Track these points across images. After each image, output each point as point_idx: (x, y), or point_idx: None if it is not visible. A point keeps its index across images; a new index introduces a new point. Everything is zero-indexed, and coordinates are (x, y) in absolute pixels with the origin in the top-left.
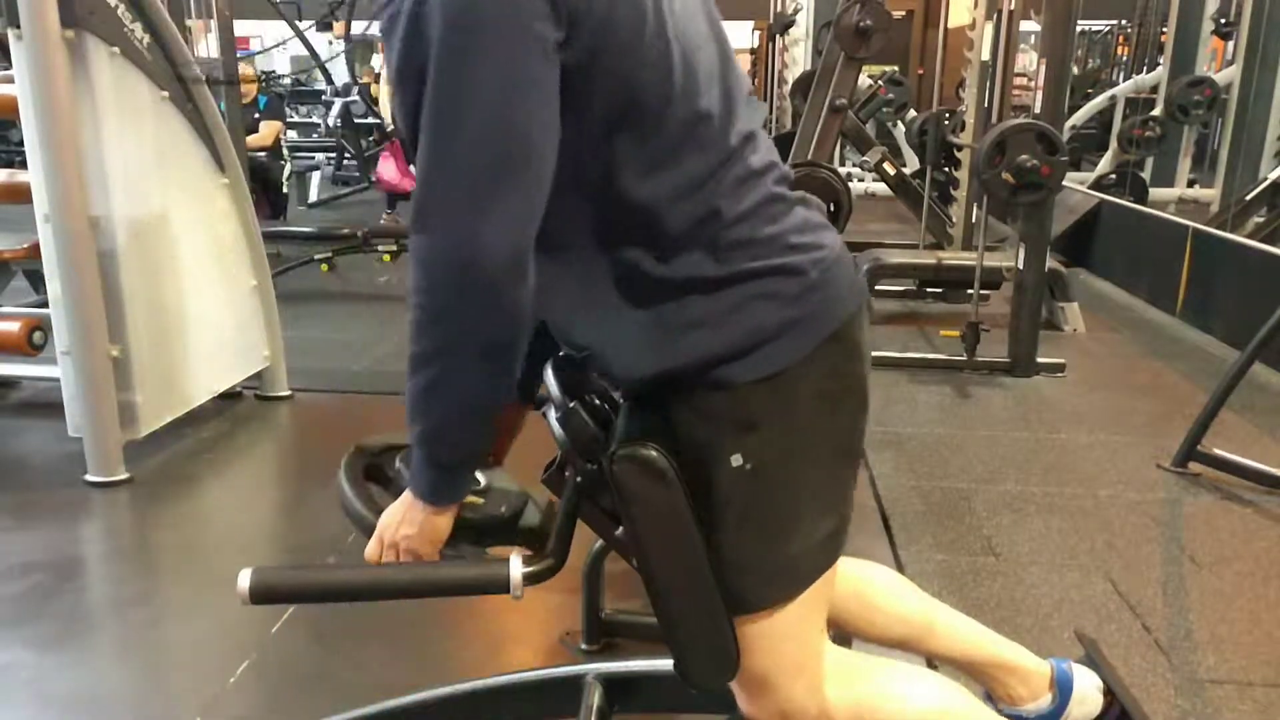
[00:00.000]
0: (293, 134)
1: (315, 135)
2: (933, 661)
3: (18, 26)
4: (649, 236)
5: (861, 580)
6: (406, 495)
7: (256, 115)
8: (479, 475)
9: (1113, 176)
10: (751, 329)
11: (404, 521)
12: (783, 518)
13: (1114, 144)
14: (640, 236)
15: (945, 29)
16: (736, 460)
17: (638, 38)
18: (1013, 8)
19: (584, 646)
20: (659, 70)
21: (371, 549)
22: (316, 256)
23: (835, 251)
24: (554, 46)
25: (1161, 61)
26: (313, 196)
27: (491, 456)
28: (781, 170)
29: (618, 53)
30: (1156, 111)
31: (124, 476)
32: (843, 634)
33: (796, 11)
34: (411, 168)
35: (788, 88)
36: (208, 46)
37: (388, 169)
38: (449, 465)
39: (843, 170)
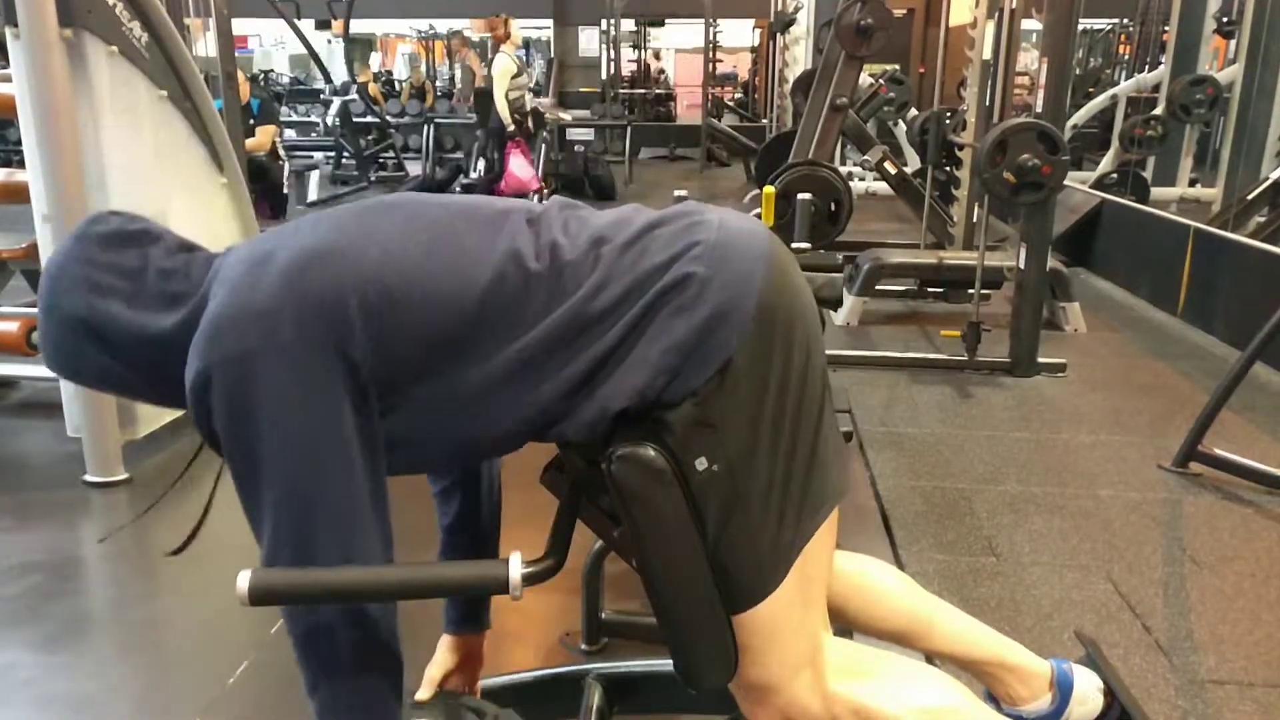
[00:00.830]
0: (291, 133)
1: (314, 135)
2: (933, 659)
3: (16, 25)
4: (536, 371)
5: (863, 575)
6: None
7: (251, 120)
8: None
9: (1114, 176)
10: (674, 349)
11: None
12: (760, 506)
13: (1115, 143)
14: (531, 376)
15: (946, 27)
16: (702, 464)
17: (411, 321)
18: (1014, 6)
19: (584, 647)
20: (444, 312)
21: None
22: None
23: (713, 237)
24: (334, 385)
25: (1163, 60)
26: (312, 196)
27: (466, 687)
28: (604, 225)
29: (410, 340)
30: (1158, 111)
31: (123, 477)
32: (844, 628)
33: (797, 10)
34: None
35: (788, 86)
36: (206, 45)
37: (521, 167)
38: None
39: (844, 169)
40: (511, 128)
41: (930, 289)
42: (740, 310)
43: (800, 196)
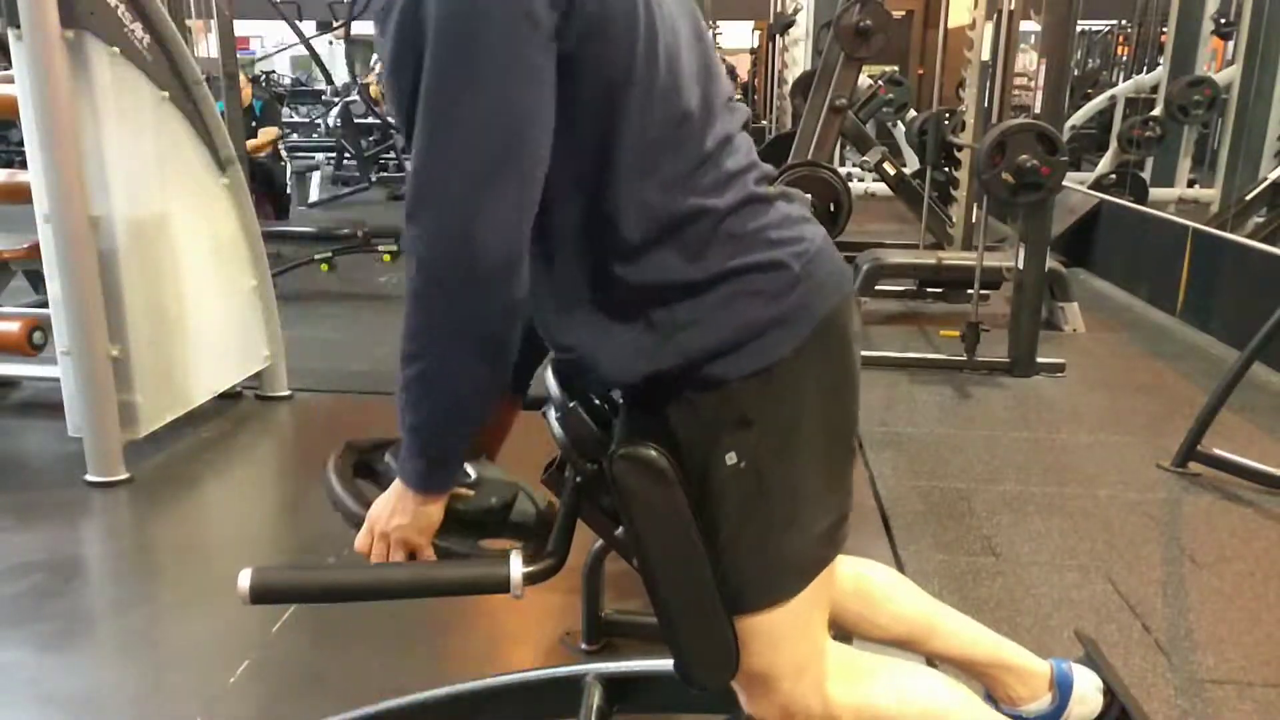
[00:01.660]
0: (293, 134)
1: (315, 135)
2: (933, 661)
3: (18, 26)
4: (630, 238)
5: (863, 579)
6: (396, 485)
7: (254, 122)
8: (470, 468)
9: (1113, 176)
10: (738, 327)
11: (395, 512)
12: (781, 514)
13: (1114, 144)
14: (621, 238)
15: (945, 29)
16: (731, 459)
17: (629, 30)
18: (1013, 8)
19: (584, 646)
20: (645, 65)
21: (361, 540)
22: (316, 256)
23: (817, 244)
24: (551, 34)
25: (1161, 61)
26: (313, 196)
27: (484, 451)
28: (761, 170)
29: (609, 43)
30: (1156, 111)
31: (124, 476)
32: (843, 633)
33: (796, 11)
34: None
35: (788, 88)
36: (208, 47)
37: None
38: (440, 454)
39: (843, 170)
40: None
41: (929, 289)
42: (808, 321)
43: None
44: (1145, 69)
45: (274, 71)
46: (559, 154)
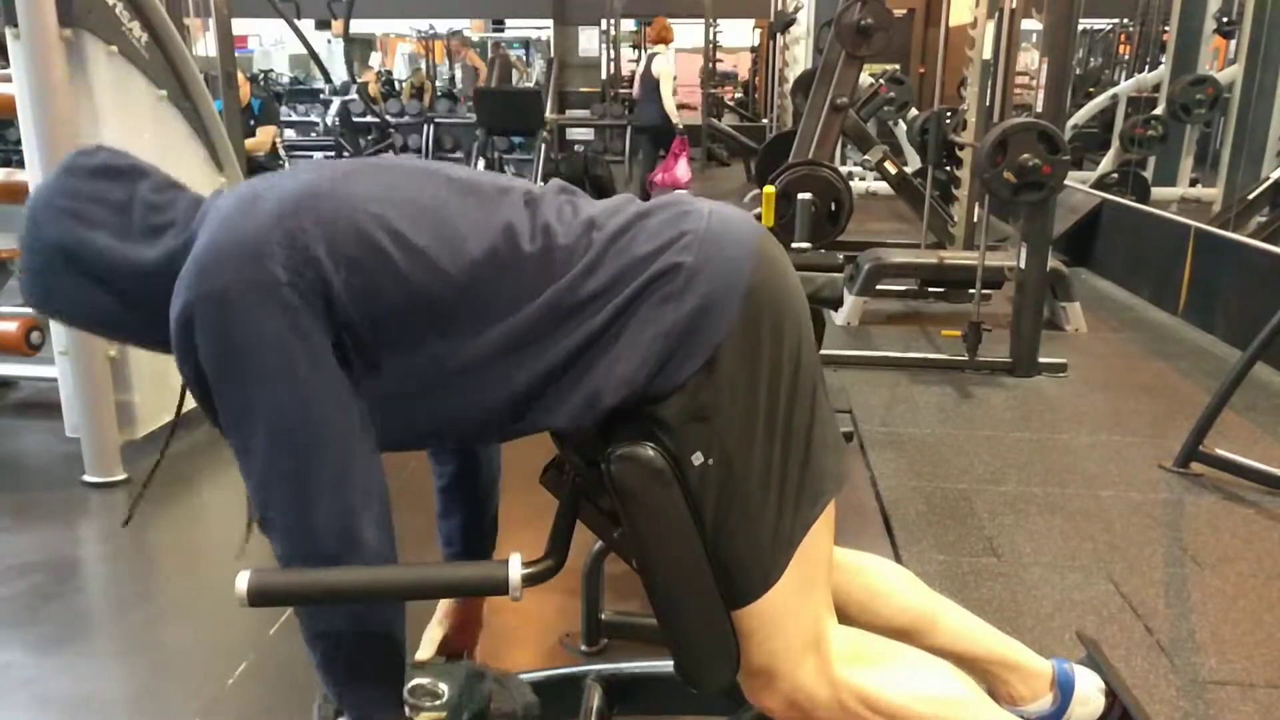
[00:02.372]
0: (291, 133)
1: (314, 134)
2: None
3: (16, 25)
4: (522, 353)
5: (867, 573)
6: None
7: (252, 121)
8: (442, 684)
9: (1114, 176)
10: (661, 337)
11: None
12: (760, 497)
13: (1116, 143)
14: (515, 359)
15: (947, 27)
16: (698, 459)
17: (395, 275)
18: (1014, 6)
19: (584, 648)
20: (427, 275)
21: None
22: None
23: (702, 228)
24: (324, 332)
25: (1163, 60)
26: None
27: (461, 648)
28: (599, 214)
29: (383, 296)
30: (1158, 111)
31: (122, 477)
32: (846, 624)
33: (797, 10)
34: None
35: (788, 86)
36: (206, 45)
37: (683, 167)
38: (369, 699)
39: (844, 169)
40: (680, 125)
41: (931, 289)
42: (727, 300)
43: (800, 196)
44: (1147, 68)
45: (272, 70)
46: (407, 364)
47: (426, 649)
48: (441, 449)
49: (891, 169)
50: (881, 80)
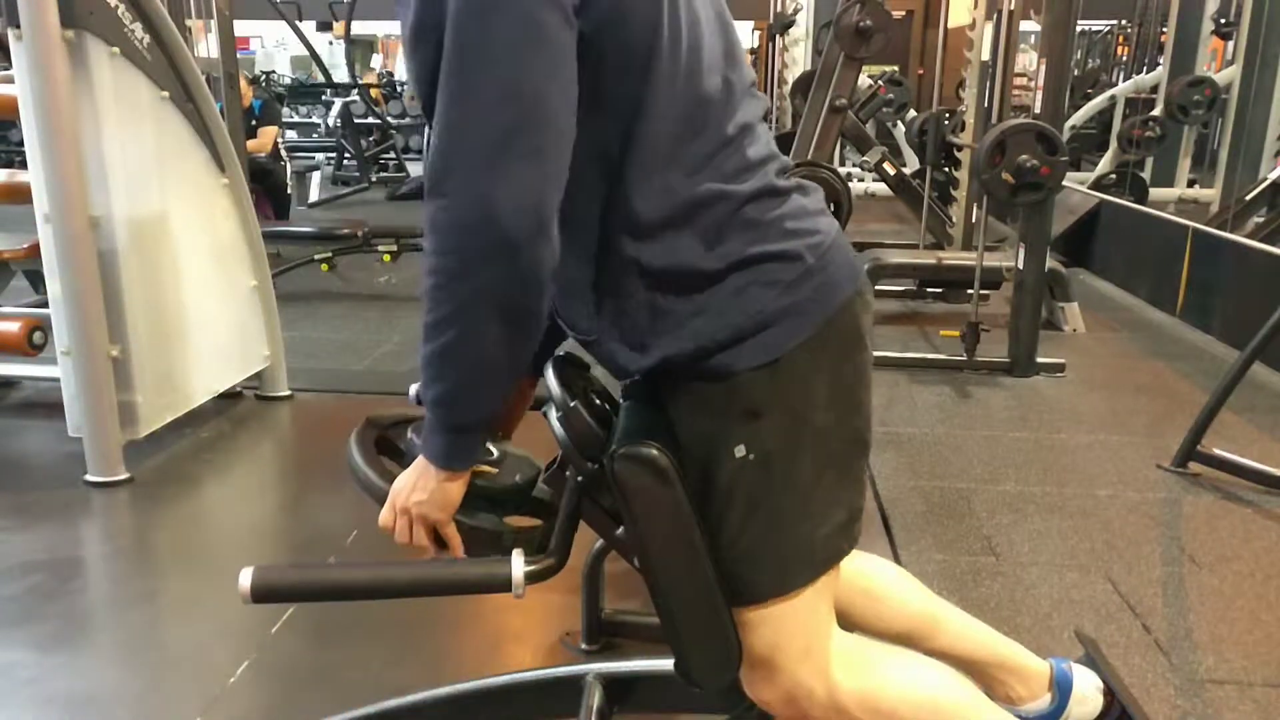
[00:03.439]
0: (292, 134)
1: (315, 135)
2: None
3: (18, 26)
4: (650, 220)
5: (867, 575)
6: (419, 461)
7: (254, 121)
8: (490, 446)
9: (1113, 176)
10: (750, 315)
11: (416, 488)
12: (791, 505)
13: (1114, 144)
14: (641, 220)
15: (945, 29)
16: (740, 451)
17: (652, 10)
18: (1012, 8)
19: (584, 646)
20: (668, 46)
21: (384, 516)
22: (316, 256)
23: (832, 237)
24: (571, 12)
25: (1161, 61)
26: (313, 196)
27: (502, 430)
28: (780, 161)
29: (630, 23)
30: (1156, 111)
31: (124, 476)
32: (847, 627)
33: (796, 11)
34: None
35: (788, 88)
36: (208, 46)
37: None
38: (463, 429)
39: (843, 170)
40: None
41: (929, 289)
42: (819, 313)
43: None
44: (1145, 69)
45: (274, 71)
46: (579, 131)
47: None
48: None
49: (890, 170)
50: (880, 81)
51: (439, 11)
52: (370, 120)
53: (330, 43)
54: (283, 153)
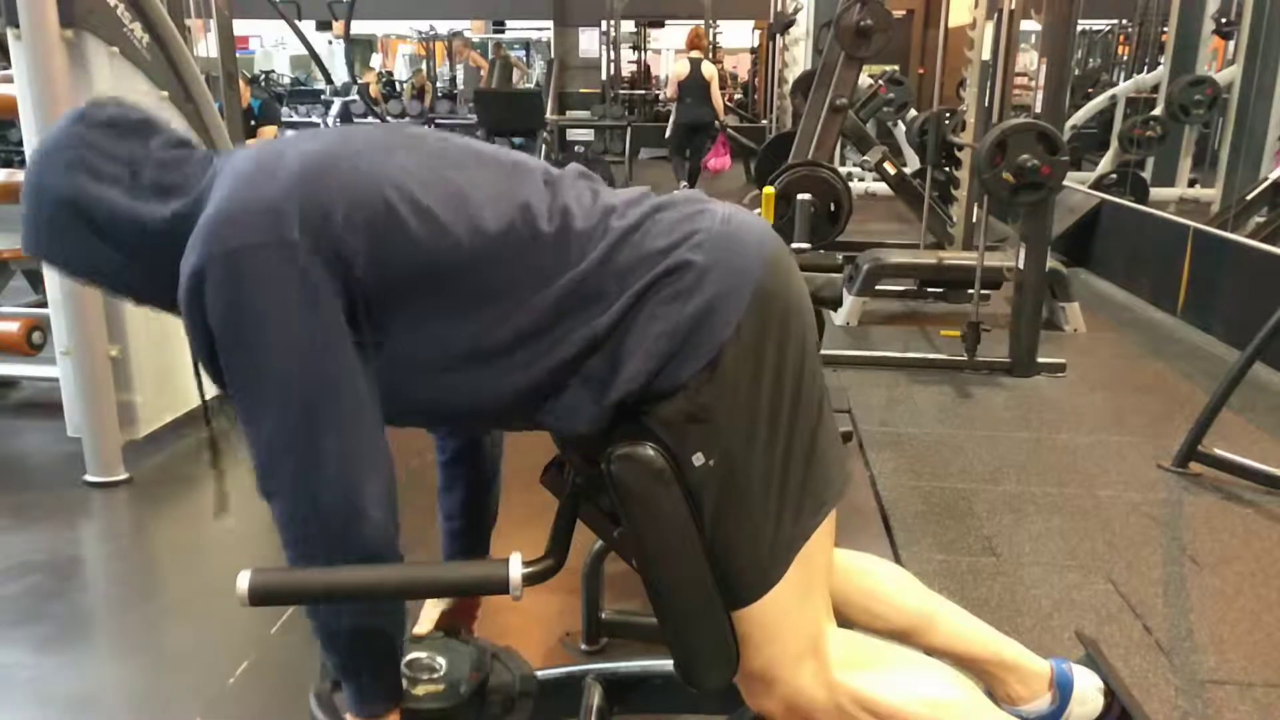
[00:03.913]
0: (292, 134)
1: None
2: (932, 656)
3: (17, 26)
4: (533, 343)
5: (865, 573)
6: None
7: (253, 121)
8: (439, 657)
9: (1113, 176)
10: (669, 335)
11: None
12: (760, 499)
13: (1115, 144)
14: (525, 348)
15: (946, 28)
16: (699, 459)
17: (407, 241)
18: (1013, 7)
19: (584, 647)
20: (445, 248)
21: None
22: None
23: (715, 226)
24: (334, 292)
25: (1162, 61)
26: None
27: (459, 624)
28: (618, 203)
29: (394, 261)
30: (1157, 111)
31: (123, 476)
32: (846, 626)
33: (797, 11)
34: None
35: (788, 87)
36: (207, 46)
37: (725, 159)
38: (367, 685)
39: (843, 170)
40: (721, 122)
41: (930, 289)
42: (735, 302)
43: (800, 197)
44: (1146, 68)
45: (273, 71)
46: (418, 339)
47: (425, 624)
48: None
49: (890, 170)
50: (881, 81)
51: (208, 335)
52: (369, 120)
53: (330, 42)
54: None
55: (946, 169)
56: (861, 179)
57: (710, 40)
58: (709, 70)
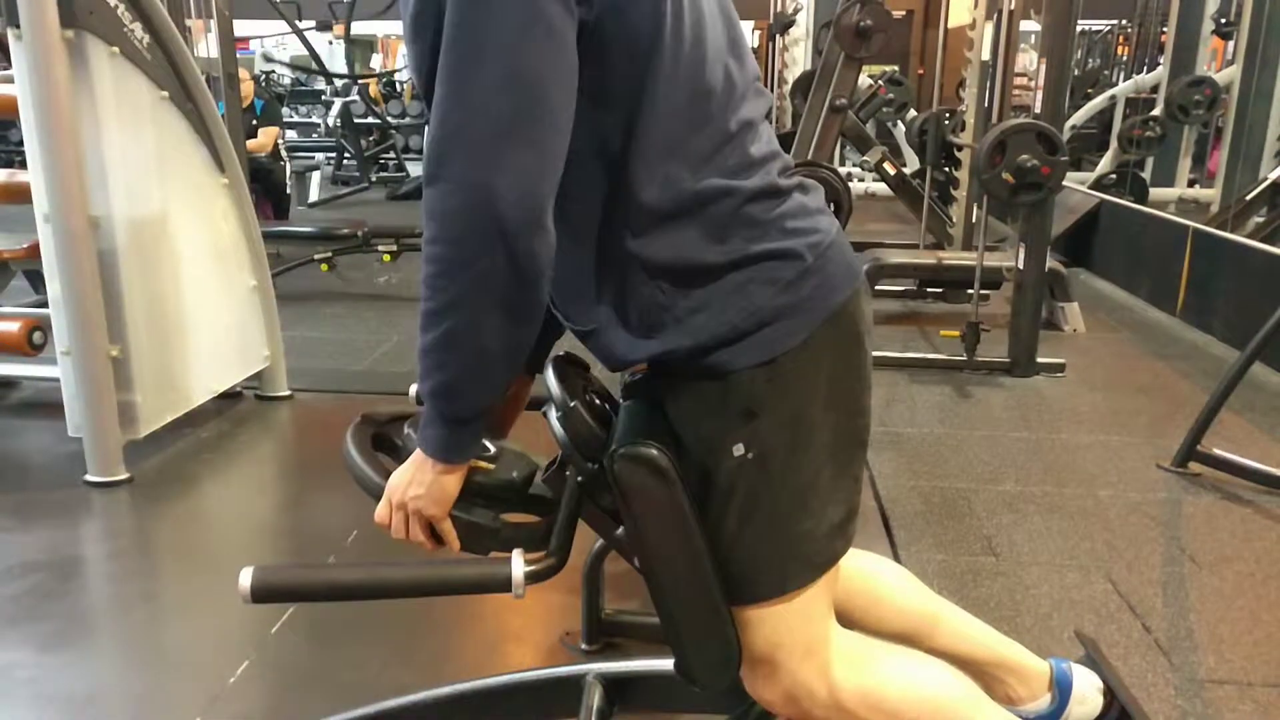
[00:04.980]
0: (292, 134)
1: (315, 135)
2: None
3: (18, 26)
4: (652, 214)
5: (867, 574)
6: (416, 455)
7: (254, 121)
8: (487, 442)
9: (1113, 176)
10: (749, 313)
11: (413, 482)
12: (790, 504)
13: (1114, 144)
14: (643, 213)
15: (945, 29)
16: (738, 450)
17: (652, 17)
18: (1013, 7)
19: (584, 646)
20: (671, 38)
21: (380, 511)
22: (316, 256)
23: (831, 235)
24: (567, 11)
25: (1161, 61)
26: (313, 196)
27: (498, 427)
28: (782, 159)
29: (633, 11)
30: (1156, 111)
31: (124, 476)
32: (847, 626)
33: (796, 11)
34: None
35: (788, 88)
36: (207, 46)
37: None
38: (461, 421)
39: (843, 170)
40: None
41: (929, 289)
42: (817, 312)
43: None
44: (1145, 69)
45: (274, 71)
46: (581, 123)
47: None
48: None
49: (890, 170)
50: (880, 81)
51: (440, 0)
52: (370, 120)
53: (330, 42)
54: (283, 153)
55: (946, 169)
56: (861, 179)
57: None
58: None
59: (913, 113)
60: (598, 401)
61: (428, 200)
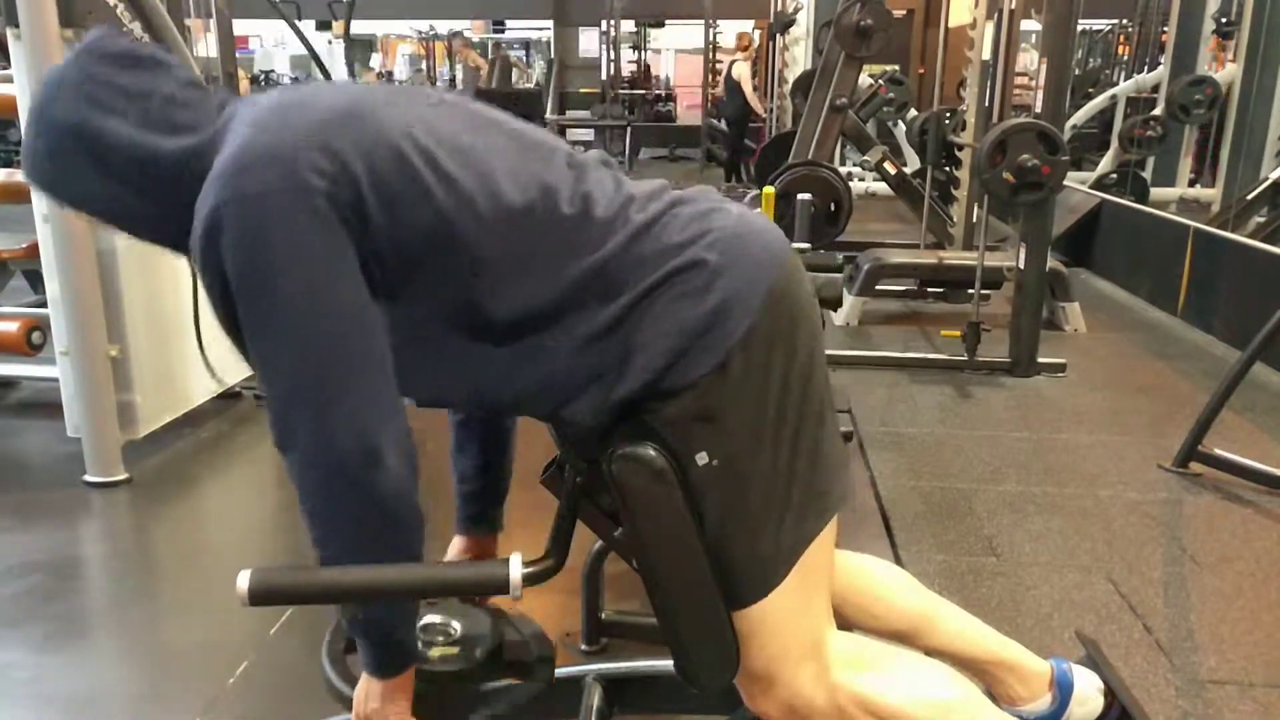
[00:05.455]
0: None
1: None
2: (932, 657)
3: (17, 26)
4: (543, 321)
5: (865, 574)
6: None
7: None
8: (454, 622)
9: (1113, 176)
10: (678, 333)
11: (368, 695)
12: (762, 504)
13: (1115, 143)
14: (538, 325)
15: (946, 28)
16: (703, 459)
17: (422, 195)
18: (1013, 7)
19: (584, 647)
20: (456, 208)
21: None
22: None
23: (730, 227)
24: (346, 239)
25: (1162, 61)
26: None
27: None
28: (638, 195)
29: (405, 215)
30: (1157, 111)
31: (123, 477)
32: (844, 626)
33: (797, 11)
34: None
35: (788, 87)
36: (207, 46)
37: None
38: (382, 643)
39: (843, 170)
40: (764, 114)
41: (930, 289)
42: (746, 304)
43: (800, 197)
44: (1146, 68)
45: (273, 70)
46: (429, 307)
47: None
48: None
49: (891, 169)
50: (881, 81)
51: (224, 282)
52: None
53: (330, 42)
54: None
55: (946, 169)
56: (861, 179)
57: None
58: (739, 71)
59: (913, 112)
60: None
61: (287, 467)
